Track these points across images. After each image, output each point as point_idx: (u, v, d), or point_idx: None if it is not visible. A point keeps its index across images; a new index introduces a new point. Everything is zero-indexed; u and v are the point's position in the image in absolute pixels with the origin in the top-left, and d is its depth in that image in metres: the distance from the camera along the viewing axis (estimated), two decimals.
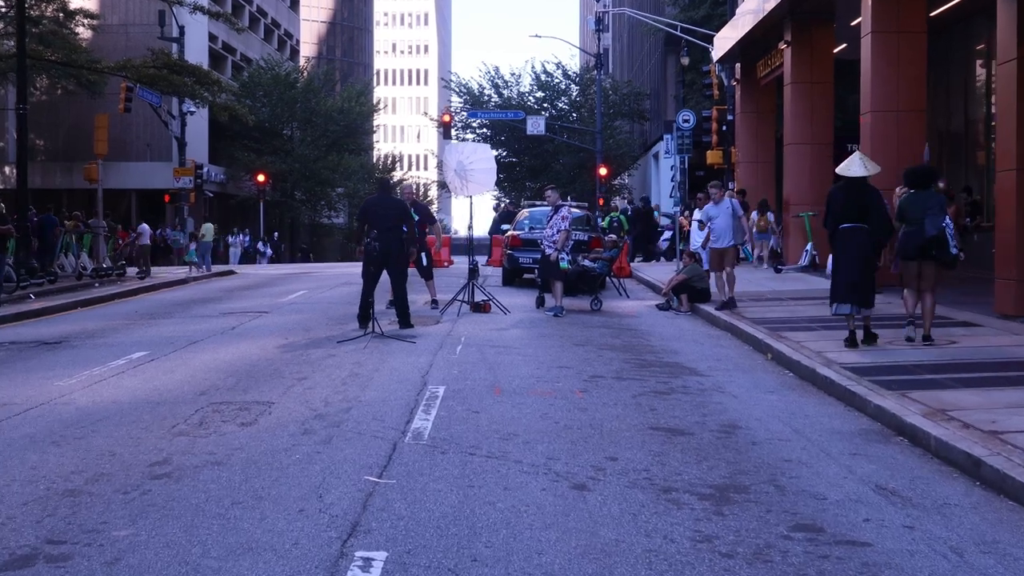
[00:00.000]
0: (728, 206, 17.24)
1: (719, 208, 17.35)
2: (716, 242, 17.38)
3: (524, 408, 9.14)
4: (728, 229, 17.22)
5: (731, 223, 17.19)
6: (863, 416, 9.17)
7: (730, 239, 17.24)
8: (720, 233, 17.27)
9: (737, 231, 17.39)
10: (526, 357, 12.31)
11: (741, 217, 17.54)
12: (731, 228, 17.22)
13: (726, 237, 17.24)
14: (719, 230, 17.26)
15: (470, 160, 16.76)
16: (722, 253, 17.30)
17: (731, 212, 17.18)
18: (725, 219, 17.19)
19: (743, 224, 17.82)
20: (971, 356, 11.37)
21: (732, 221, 17.19)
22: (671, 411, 9.19)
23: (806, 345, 12.65)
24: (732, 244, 17.28)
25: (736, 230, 17.34)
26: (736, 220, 17.29)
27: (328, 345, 13.30)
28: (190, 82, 32.40)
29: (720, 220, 17.25)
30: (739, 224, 17.47)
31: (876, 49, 19.95)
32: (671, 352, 13.13)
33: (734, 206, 17.32)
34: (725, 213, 17.22)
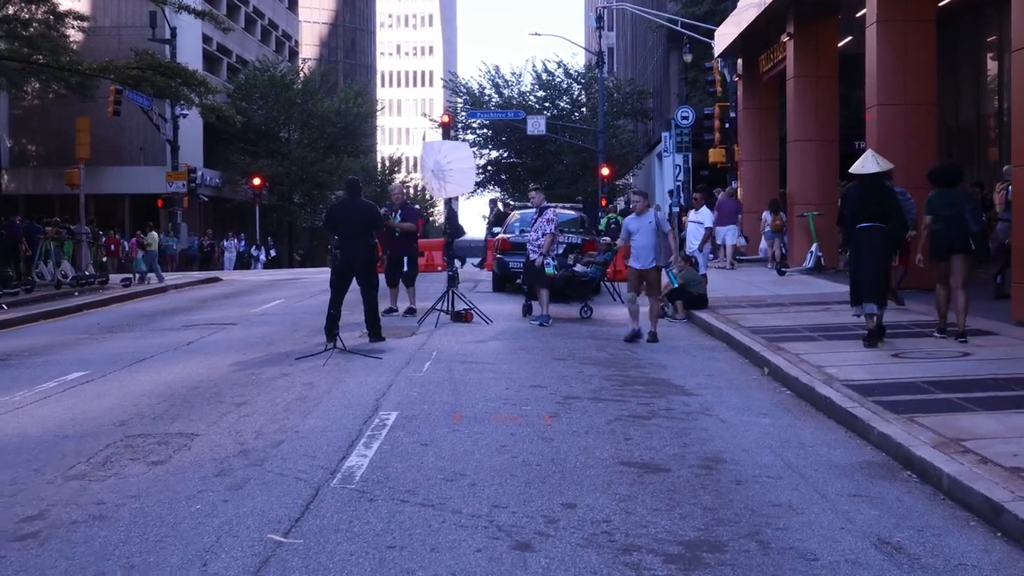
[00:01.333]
0: (651, 220, 14.17)
1: (640, 222, 14.22)
2: (635, 261, 14.29)
3: (481, 439, 8.07)
4: (650, 247, 14.13)
5: (654, 241, 14.11)
6: (866, 445, 8.08)
7: (651, 259, 14.17)
8: (639, 251, 14.21)
9: (661, 250, 14.27)
10: (499, 375, 11.24)
11: (668, 234, 14.40)
12: (653, 246, 14.12)
13: (647, 256, 14.17)
14: (638, 248, 14.19)
15: (448, 160, 15.69)
16: (640, 275, 14.27)
17: (654, 227, 14.12)
18: (647, 235, 14.14)
19: (670, 242, 14.48)
20: (988, 371, 10.26)
21: (655, 239, 14.12)
22: (648, 440, 8.10)
23: (806, 358, 11.56)
24: (654, 265, 14.21)
25: (660, 249, 14.23)
26: (661, 237, 14.23)
27: (285, 362, 12.25)
28: (174, 84, 31.32)
29: (640, 237, 14.16)
30: (664, 242, 14.31)
31: (882, 39, 18.87)
32: (659, 366, 12.05)
33: (659, 220, 14.29)
34: (647, 228, 14.13)
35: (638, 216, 14.36)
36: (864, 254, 12.02)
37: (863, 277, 11.99)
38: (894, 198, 12.48)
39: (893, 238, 12.26)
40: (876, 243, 11.96)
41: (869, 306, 11.95)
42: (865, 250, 12.01)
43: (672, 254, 14.56)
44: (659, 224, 14.24)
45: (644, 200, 14.51)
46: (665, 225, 14.40)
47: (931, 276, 17.17)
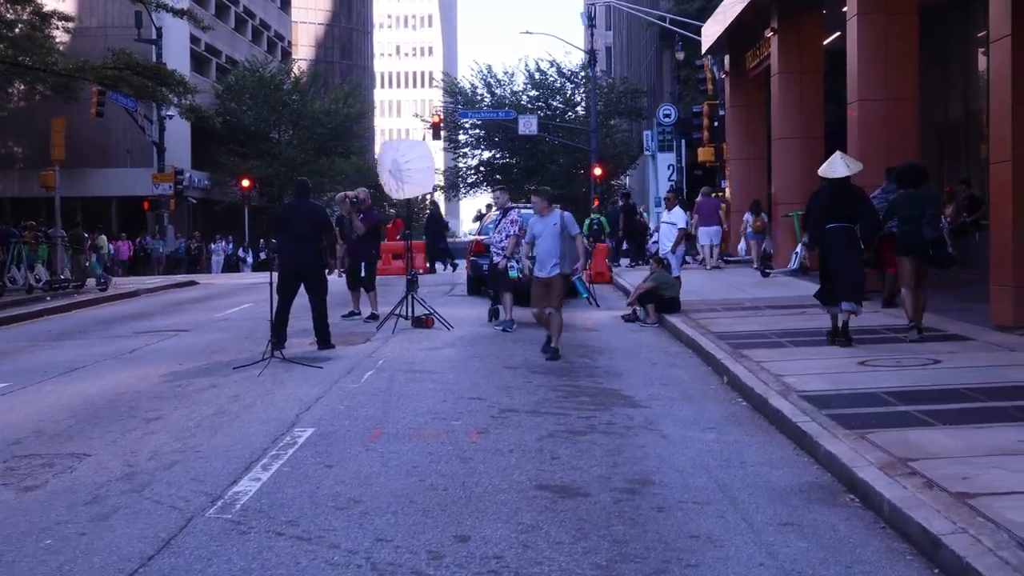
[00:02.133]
0: (556, 222, 12.56)
1: (543, 224, 12.62)
2: (538, 268, 12.71)
3: (394, 460, 7.45)
4: (553, 253, 12.49)
5: (558, 245, 12.45)
6: (813, 464, 7.46)
7: (555, 265, 12.52)
8: (542, 257, 12.58)
9: (567, 255, 12.59)
10: (440, 386, 10.62)
11: (577, 236, 12.73)
12: (558, 252, 12.49)
13: (550, 263, 12.53)
14: (541, 254, 12.60)
15: (406, 159, 15.06)
16: (545, 284, 12.60)
17: (559, 231, 12.48)
18: (550, 240, 12.49)
19: (578, 246, 12.77)
20: (955, 380, 9.62)
21: (560, 243, 12.47)
22: (576, 460, 7.48)
23: (768, 366, 10.92)
24: (558, 272, 12.53)
25: (566, 254, 12.57)
26: (567, 242, 12.56)
27: (220, 372, 11.64)
28: (151, 84, 30.72)
29: (543, 241, 12.55)
30: (571, 247, 12.65)
31: (862, 33, 18.23)
32: (614, 375, 11.42)
33: (565, 222, 12.61)
34: (551, 232, 12.50)
35: (541, 218, 12.72)
36: (839, 254, 11.91)
37: (842, 276, 11.86)
38: (865, 199, 12.38)
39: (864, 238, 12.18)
40: (848, 243, 11.92)
41: (848, 304, 11.82)
42: (839, 250, 11.91)
43: (580, 259, 12.83)
44: (565, 227, 12.60)
45: (546, 200, 12.90)
46: (572, 227, 12.74)
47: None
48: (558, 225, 12.56)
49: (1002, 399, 8.66)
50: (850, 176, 12.25)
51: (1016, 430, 7.56)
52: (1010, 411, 8.20)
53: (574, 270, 12.92)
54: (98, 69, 31.02)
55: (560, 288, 12.64)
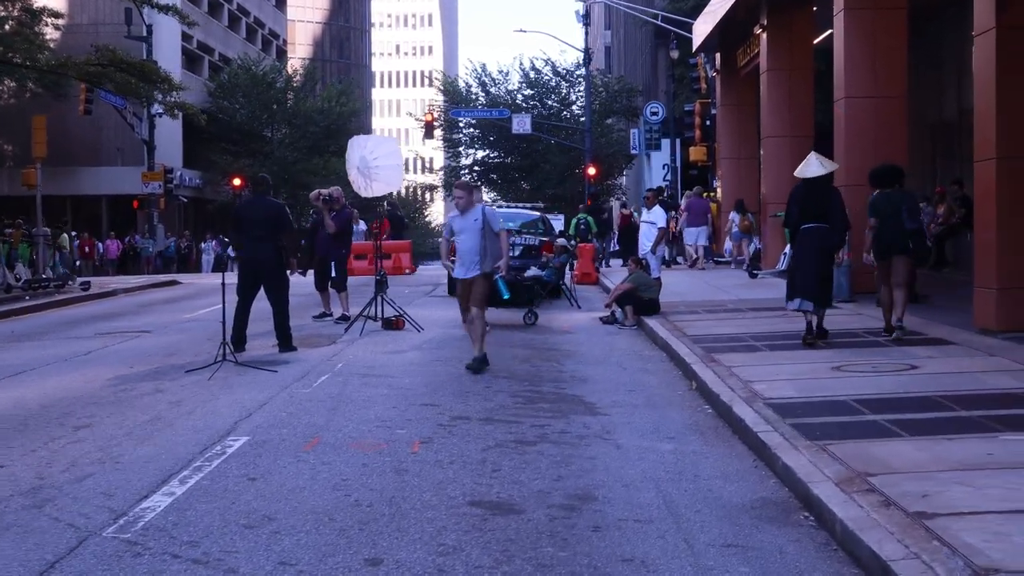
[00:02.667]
0: (478, 218, 11.43)
1: (465, 220, 11.53)
2: (459, 268, 11.62)
3: (323, 472, 7.00)
4: (475, 251, 11.36)
5: (480, 243, 11.35)
6: (770, 477, 7.01)
7: (475, 265, 11.42)
8: (464, 257, 11.49)
9: (488, 253, 11.41)
10: (394, 391, 10.17)
11: (501, 233, 11.61)
12: (479, 250, 11.36)
13: (471, 262, 11.44)
14: (463, 253, 11.51)
15: (374, 155, 14.63)
16: (468, 285, 11.56)
17: (481, 227, 11.35)
18: (472, 237, 11.41)
19: (501, 243, 11.61)
20: (930, 387, 9.17)
21: (482, 240, 11.37)
22: (518, 473, 7.04)
23: (738, 371, 10.48)
24: (480, 273, 11.43)
25: (487, 252, 11.40)
26: (490, 239, 11.47)
27: (170, 375, 11.21)
28: (134, 80, 30.26)
29: (465, 238, 11.49)
30: (494, 244, 11.53)
31: (850, 28, 17.76)
32: (580, 380, 10.97)
33: (488, 217, 11.50)
34: (472, 228, 11.41)
35: (462, 214, 11.59)
36: (805, 253, 12.08)
37: (803, 275, 12.03)
38: (839, 199, 12.52)
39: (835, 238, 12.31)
40: (817, 243, 12.01)
41: (805, 303, 11.92)
42: (806, 249, 12.07)
43: (503, 257, 11.59)
44: (488, 222, 11.46)
45: (469, 194, 11.64)
46: (496, 223, 11.59)
47: None
48: (479, 221, 11.41)
49: (975, 407, 8.21)
50: (826, 175, 12.39)
51: (986, 442, 7.12)
52: (982, 421, 7.75)
53: (495, 268, 11.66)
54: (81, 65, 30.60)
55: (481, 289, 11.48)
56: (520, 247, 20.80)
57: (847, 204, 17.37)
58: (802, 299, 11.93)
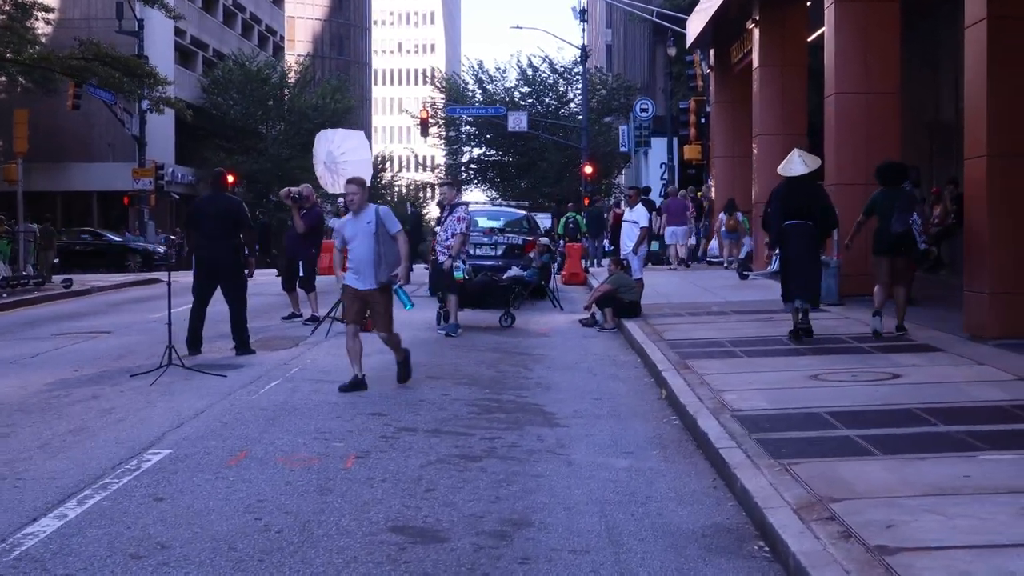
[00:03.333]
0: (371, 220, 9.87)
1: (357, 224, 9.97)
2: (352, 278, 10.03)
3: (240, 491, 6.43)
4: (370, 260, 9.84)
5: (374, 250, 9.79)
6: (729, 500, 6.44)
7: (371, 277, 9.88)
8: (358, 265, 9.95)
9: (383, 261, 9.86)
10: (344, 399, 9.61)
11: (399, 236, 9.96)
12: (373, 257, 9.82)
13: (367, 271, 9.89)
14: (355, 261, 9.98)
15: (341, 150, 14.07)
16: (361, 299, 10.06)
17: (374, 230, 9.83)
18: (365, 243, 9.85)
19: (399, 248, 9.97)
20: (910, 399, 8.58)
21: (376, 246, 9.80)
22: (454, 493, 6.46)
23: (711, 379, 9.90)
24: (375, 286, 9.89)
25: (382, 260, 9.86)
26: (386, 244, 9.88)
27: (113, 380, 10.65)
28: (117, 75, 29.68)
29: (358, 245, 9.93)
30: (390, 249, 9.92)
31: (841, 21, 17.18)
32: (544, 388, 10.40)
33: (382, 219, 9.90)
34: (365, 233, 9.87)
35: (354, 217, 10.02)
36: (794, 251, 12.01)
37: (795, 274, 11.96)
38: (824, 195, 12.70)
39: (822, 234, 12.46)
40: (805, 240, 11.96)
41: (800, 302, 11.93)
42: (794, 247, 11.99)
43: (400, 264, 9.96)
44: (382, 224, 9.91)
45: (362, 191, 10.07)
46: (393, 225, 10.00)
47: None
48: (373, 224, 9.86)
49: (956, 422, 7.62)
50: (809, 173, 12.22)
51: (963, 462, 6.53)
52: (962, 438, 7.16)
53: (392, 277, 9.96)
54: (64, 59, 30.01)
55: (383, 306, 10.00)
56: (503, 246, 20.26)
57: (837, 204, 16.83)
58: (799, 299, 11.93)
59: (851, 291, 16.45)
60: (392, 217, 10.12)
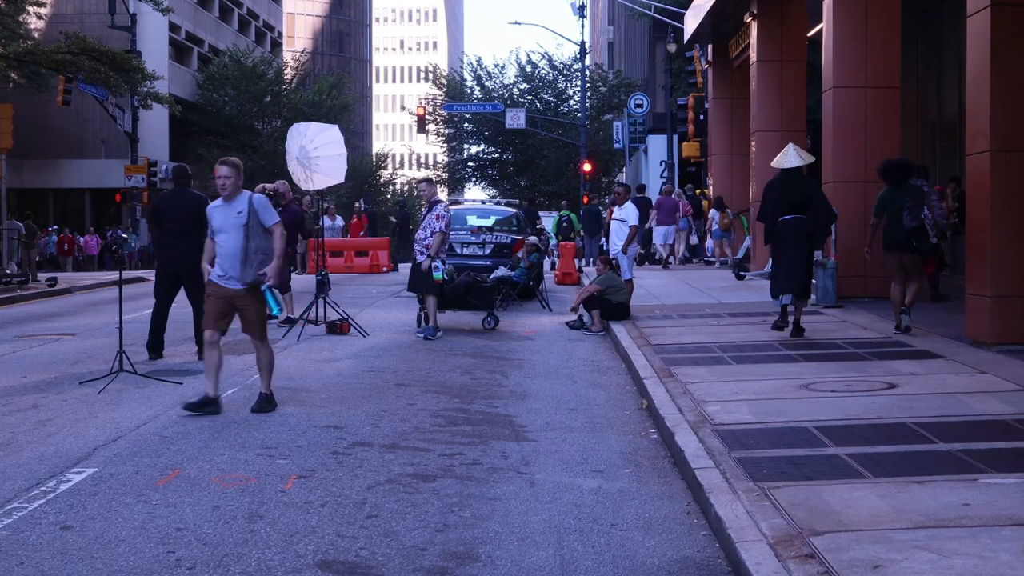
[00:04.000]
0: (243, 210, 8.54)
1: (226, 213, 8.65)
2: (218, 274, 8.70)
3: (161, 517, 5.82)
4: (236, 255, 8.52)
5: (241, 244, 8.49)
6: (702, 529, 5.82)
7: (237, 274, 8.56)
8: (224, 261, 8.62)
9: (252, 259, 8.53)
10: (303, 408, 9.00)
11: (275, 229, 8.63)
12: (240, 252, 8.50)
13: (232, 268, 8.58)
14: (223, 255, 8.62)
15: (314, 145, 13.41)
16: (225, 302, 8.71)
17: (244, 222, 8.53)
18: (233, 235, 8.55)
19: (274, 242, 8.63)
20: (905, 412, 7.95)
21: (243, 240, 8.49)
22: (398, 519, 5.84)
23: (694, 388, 9.28)
24: (240, 286, 8.57)
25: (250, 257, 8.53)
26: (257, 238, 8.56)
27: (60, 387, 10.05)
28: (103, 69, 29.06)
29: (226, 238, 8.62)
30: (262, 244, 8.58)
31: (839, 12, 16.54)
32: (519, 397, 9.77)
33: (255, 208, 8.56)
34: (235, 224, 8.57)
35: (225, 204, 8.67)
36: (785, 246, 12.05)
37: (786, 268, 12.06)
38: (817, 191, 12.60)
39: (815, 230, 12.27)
40: (797, 235, 11.98)
41: (787, 297, 12.10)
42: (786, 241, 12.03)
43: (272, 260, 8.56)
44: (255, 214, 8.57)
45: (236, 175, 8.65)
46: (268, 217, 8.64)
47: (878, 284, 15.18)
48: (244, 214, 8.53)
49: (956, 439, 7.00)
50: (803, 167, 12.26)
51: (963, 487, 5.90)
52: (962, 457, 6.53)
53: (260, 276, 8.54)
54: (49, 53, 29.38)
55: (253, 311, 8.66)
56: (491, 245, 19.65)
57: (835, 202, 16.22)
58: (788, 294, 12.10)
59: (850, 293, 15.85)
60: (268, 207, 8.75)
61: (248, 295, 8.62)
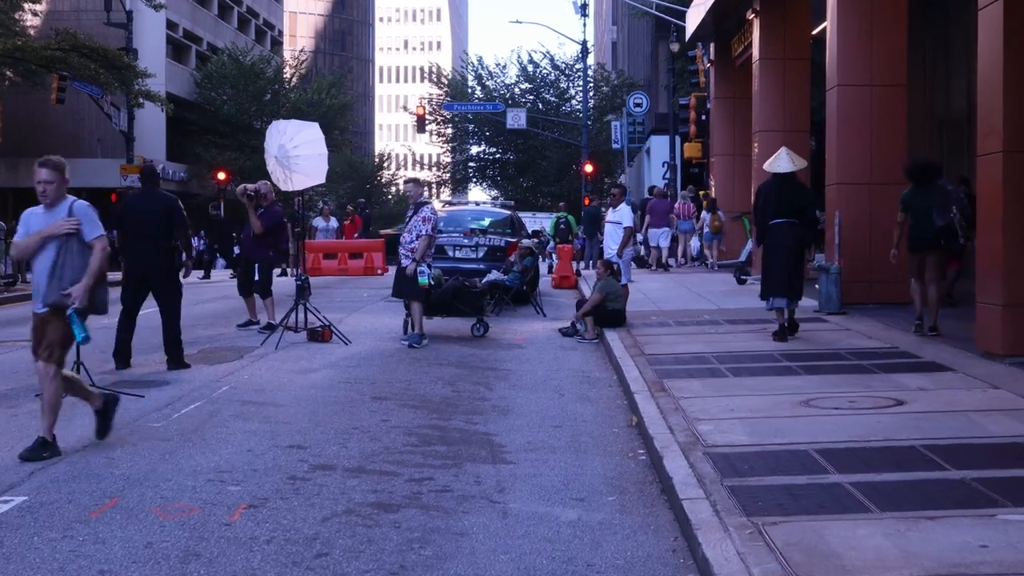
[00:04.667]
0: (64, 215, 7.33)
1: (43, 220, 7.36)
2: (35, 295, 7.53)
3: (84, 557, 5.24)
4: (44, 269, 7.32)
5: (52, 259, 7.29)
6: (687, 571, 5.22)
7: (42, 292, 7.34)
8: (38, 276, 7.41)
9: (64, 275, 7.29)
10: (266, 425, 8.40)
11: (96, 244, 7.31)
12: (48, 267, 7.28)
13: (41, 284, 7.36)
14: (37, 271, 7.42)
15: (294, 143, 12.81)
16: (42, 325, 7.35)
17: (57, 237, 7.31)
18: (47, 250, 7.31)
19: (93, 261, 7.30)
20: (913, 433, 7.34)
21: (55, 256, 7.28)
22: (349, 561, 5.25)
23: (687, 405, 8.68)
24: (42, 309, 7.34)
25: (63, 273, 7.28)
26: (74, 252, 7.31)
27: (13, 401, 9.53)
28: (93, 66, 28.47)
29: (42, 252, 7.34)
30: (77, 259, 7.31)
31: (843, 8, 15.93)
32: (501, 412, 9.18)
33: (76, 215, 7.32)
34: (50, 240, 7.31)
35: (46, 211, 7.36)
36: (775, 249, 12.18)
37: (776, 272, 12.13)
38: (808, 194, 12.82)
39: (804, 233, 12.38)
40: (787, 238, 12.12)
41: (778, 300, 12.11)
42: (776, 245, 12.17)
43: (84, 280, 7.20)
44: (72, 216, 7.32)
45: (59, 179, 7.31)
46: (90, 229, 7.33)
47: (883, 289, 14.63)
48: (54, 217, 7.34)
49: (970, 465, 6.39)
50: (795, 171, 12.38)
51: (980, 524, 5.29)
52: (977, 488, 5.92)
53: (63, 296, 7.19)
54: (37, 50, 28.82)
55: (54, 333, 7.25)
56: (484, 248, 19.06)
57: (839, 204, 15.64)
58: (777, 297, 12.13)
59: (855, 299, 15.24)
60: (92, 218, 7.36)
61: (51, 315, 7.24)
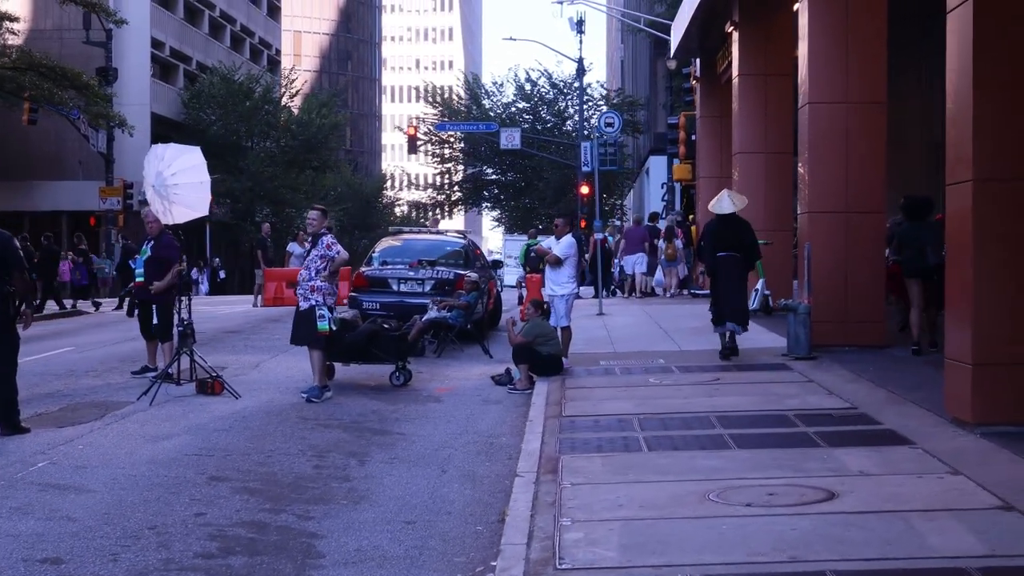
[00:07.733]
0: None
1: None
2: None
3: None
4: None
5: None
6: None
7: None
8: None
9: None
10: (43, 524, 6.82)
11: None
12: None
13: None
14: None
15: (172, 171, 11.23)
16: None
17: None
18: None
19: None
20: (833, 549, 5.68)
21: None
22: None
23: (568, 497, 7.09)
24: None
25: None
26: None
27: None
28: (46, 86, 27.09)
29: None
30: None
31: (816, 21, 14.35)
32: (355, 498, 7.57)
33: None
34: None
35: None
36: (726, 280, 13.21)
37: (727, 301, 13.19)
38: (750, 232, 13.60)
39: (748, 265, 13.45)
40: (735, 270, 13.24)
41: (732, 325, 13.19)
42: (725, 276, 13.22)
43: None
44: None
45: None
46: None
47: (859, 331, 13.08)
48: None
49: None
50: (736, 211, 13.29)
51: None
52: None
53: None
54: None
55: None
56: (432, 281, 17.52)
57: (810, 235, 14.07)
58: (731, 323, 13.14)
59: (827, 341, 13.60)
60: None
61: None
